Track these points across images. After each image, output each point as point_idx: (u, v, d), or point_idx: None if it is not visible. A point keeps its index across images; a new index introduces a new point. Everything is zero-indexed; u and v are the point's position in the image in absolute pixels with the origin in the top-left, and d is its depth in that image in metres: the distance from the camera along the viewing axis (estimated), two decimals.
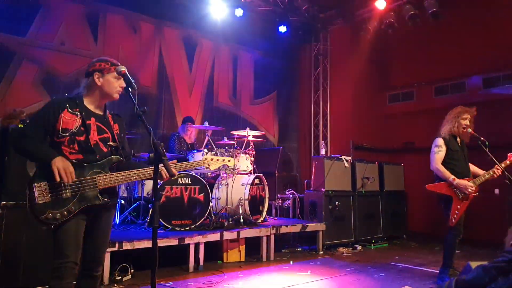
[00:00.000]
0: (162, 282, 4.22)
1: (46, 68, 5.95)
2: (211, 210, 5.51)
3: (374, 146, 9.27)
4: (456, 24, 7.89)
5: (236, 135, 6.52)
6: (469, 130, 4.44)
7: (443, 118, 4.66)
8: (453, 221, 4.27)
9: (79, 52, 6.26)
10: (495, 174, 4.34)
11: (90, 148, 2.48)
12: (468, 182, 4.27)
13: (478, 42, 7.69)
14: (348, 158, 7.06)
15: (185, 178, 5.25)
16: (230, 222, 5.45)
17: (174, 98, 7.40)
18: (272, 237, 5.61)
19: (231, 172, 5.82)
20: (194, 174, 5.35)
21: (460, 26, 7.87)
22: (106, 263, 4.10)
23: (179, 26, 7.55)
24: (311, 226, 6.19)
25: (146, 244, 4.33)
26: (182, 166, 2.82)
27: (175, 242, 4.63)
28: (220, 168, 5.05)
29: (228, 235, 5.16)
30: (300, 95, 9.68)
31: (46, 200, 2.32)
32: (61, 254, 2.35)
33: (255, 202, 5.88)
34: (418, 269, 5.19)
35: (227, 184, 5.73)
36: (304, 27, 9.26)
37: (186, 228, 5.12)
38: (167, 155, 5.50)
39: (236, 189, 5.75)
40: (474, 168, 4.60)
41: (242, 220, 5.52)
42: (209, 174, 5.92)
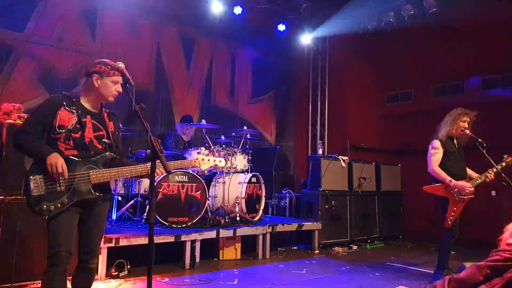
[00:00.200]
0: (158, 278, 4.24)
1: (44, 64, 5.91)
2: (208, 207, 5.53)
3: (371, 146, 9.30)
4: (455, 24, 7.91)
5: (233, 134, 6.53)
6: (467, 131, 4.45)
7: (441, 119, 4.64)
8: (449, 222, 4.29)
9: (77, 48, 6.23)
10: (487, 178, 4.36)
11: (85, 144, 2.58)
12: (465, 183, 4.29)
13: (478, 43, 7.70)
14: (345, 158, 7.08)
15: (182, 176, 5.26)
16: (227, 220, 5.47)
17: (172, 95, 7.38)
18: (268, 235, 5.63)
19: (228, 170, 5.83)
20: (191, 171, 5.36)
21: (459, 27, 7.88)
22: (103, 259, 4.12)
23: (177, 24, 7.52)
24: (307, 225, 6.21)
25: (143, 240, 4.34)
26: (173, 165, 2.88)
27: (172, 239, 4.65)
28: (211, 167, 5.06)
29: (224, 233, 5.18)
30: (298, 94, 9.63)
31: (41, 192, 2.42)
32: (54, 244, 2.46)
33: (252, 200, 5.89)
34: (413, 269, 5.22)
35: (224, 182, 5.73)
36: (302, 26, 9.26)
37: (183, 225, 5.14)
38: (165, 153, 5.56)
39: (233, 187, 5.75)
40: (469, 171, 4.60)
41: (238, 218, 5.54)
42: (206, 172, 5.93)
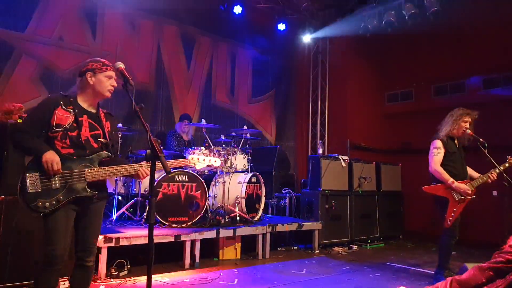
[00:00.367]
0: (158, 277, 4.23)
1: (45, 63, 5.92)
2: (208, 207, 5.53)
3: (371, 146, 9.28)
4: (456, 23, 7.89)
5: (233, 133, 6.52)
6: (468, 131, 4.43)
7: (442, 119, 4.63)
8: (448, 223, 4.29)
9: (78, 48, 6.23)
10: (490, 179, 4.35)
11: (81, 143, 2.64)
12: (466, 186, 4.29)
13: (479, 42, 7.68)
14: (345, 157, 7.07)
15: (182, 175, 5.26)
16: (227, 220, 5.47)
17: (172, 95, 7.38)
18: (268, 235, 5.63)
19: (228, 170, 5.83)
20: (191, 171, 5.36)
21: (460, 26, 7.86)
22: (103, 258, 4.12)
23: (178, 23, 7.52)
24: (307, 225, 6.21)
25: (143, 240, 4.34)
26: (170, 164, 2.88)
27: (172, 239, 4.64)
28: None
29: (224, 233, 5.17)
30: (298, 94, 9.63)
31: (37, 189, 2.47)
32: (50, 241, 2.50)
33: (252, 200, 5.89)
34: (414, 269, 5.21)
35: (224, 182, 5.73)
36: (303, 25, 9.25)
37: (183, 225, 5.14)
38: (165, 152, 5.56)
39: (233, 187, 5.75)
40: (470, 170, 4.60)
41: (238, 218, 5.54)
42: (206, 172, 5.92)
